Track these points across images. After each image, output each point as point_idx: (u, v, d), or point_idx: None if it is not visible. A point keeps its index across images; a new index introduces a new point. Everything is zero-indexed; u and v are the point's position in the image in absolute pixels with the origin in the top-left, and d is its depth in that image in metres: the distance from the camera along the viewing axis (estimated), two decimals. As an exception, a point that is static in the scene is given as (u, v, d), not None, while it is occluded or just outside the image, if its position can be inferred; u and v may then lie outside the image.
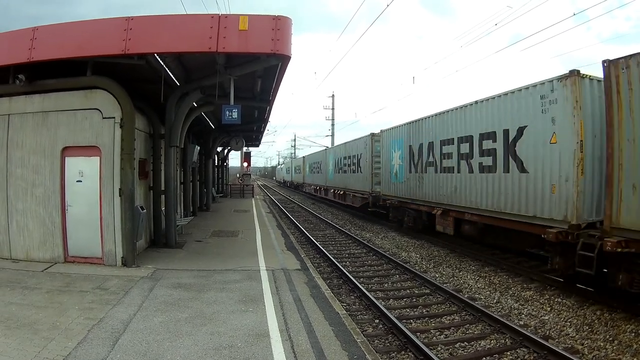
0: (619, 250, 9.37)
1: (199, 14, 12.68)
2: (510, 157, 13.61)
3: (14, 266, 11.22)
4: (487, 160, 14.77)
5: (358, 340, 7.24)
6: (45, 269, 11.05)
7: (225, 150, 42.13)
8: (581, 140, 11.06)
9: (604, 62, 10.05)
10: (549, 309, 10.54)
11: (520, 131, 13.13)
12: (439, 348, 8.34)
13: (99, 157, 11.59)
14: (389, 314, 9.60)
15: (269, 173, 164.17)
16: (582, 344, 8.48)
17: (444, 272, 14.37)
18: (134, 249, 11.90)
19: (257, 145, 49.25)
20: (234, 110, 12.89)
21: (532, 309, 10.55)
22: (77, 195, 11.77)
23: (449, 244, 18.07)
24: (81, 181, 11.76)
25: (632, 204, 9.31)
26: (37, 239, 11.80)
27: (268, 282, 10.62)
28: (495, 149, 14.34)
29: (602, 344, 8.44)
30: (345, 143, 34.86)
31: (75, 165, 11.78)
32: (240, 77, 13.00)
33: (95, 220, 11.60)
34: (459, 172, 16.71)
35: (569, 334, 8.99)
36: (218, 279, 10.81)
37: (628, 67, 9.47)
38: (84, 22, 11.35)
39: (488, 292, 12.02)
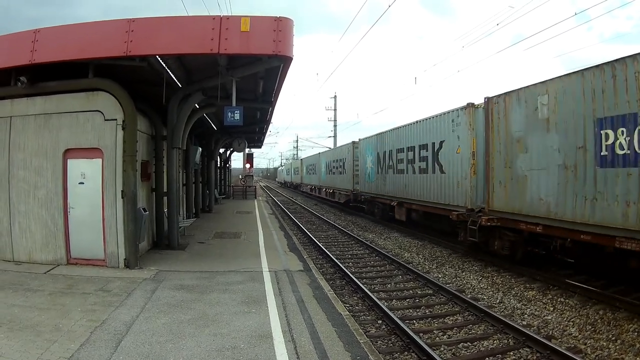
0: (490, 224, 14.38)
1: (201, 15, 12.73)
2: (435, 163, 19.12)
3: (16, 268, 11.22)
4: (423, 165, 20.39)
5: (361, 341, 7.23)
6: (48, 271, 11.05)
7: (228, 152, 42.15)
8: (473, 151, 16.26)
9: (485, 98, 15.22)
10: (551, 308, 10.52)
11: (441, 144, 18.66)
12: (442, 348, 8.32)
13: (101, 159, 11.60)
14: (391, 315, 9.60)
15: (271, 174, 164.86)
16: (585, 344, 8.46)
17: (446, 273, 14.35)
18: (136, 250, 11.90)
19: (260, 147, 49.26)
20: (236, 111, 12.89)
21: (535, 309, 10.53)
22: (79, 197, 11.78)
23: (453, 245, 18.04)
24: (83, 183, 11.77)
25: (499, 194, 14.41)
26: (39, 241, 11.81)
27: (271, 283, 10.61)
28: (427, 156, 19.95)
29: (605, 343, 8.42)
30: (334, 148, 42.91)
31: (78, 167, 11.79)
32: (242, 78, 13.00)
33: (98, 222, 11.61)
34: (407, 173, 22.51)
35: (571, 334, 8.98)
36: (221, 280, 10.81)
37: (497, 103, 14.47)
38: (86, 24, 11.36)
39: (491, 292, 12.00)
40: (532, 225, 12.70)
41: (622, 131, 9.80)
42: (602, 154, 10.35)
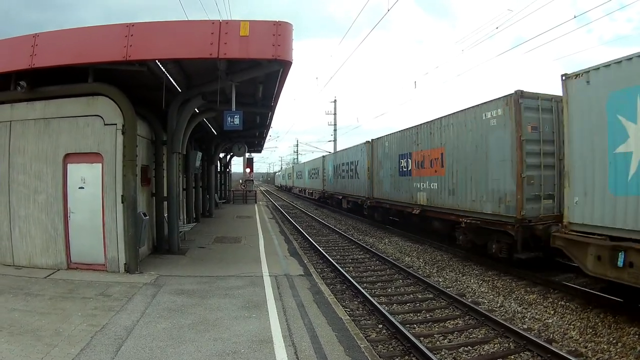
0: (372, 204, 26.90)
1: (200, 20, 12.76)
2: (355, 172, 32.29)
3: (16, 272, 11.21)
4: (352, 173, 34.00)
5: (361, 346, 7.22)
6: (48, 276, 11.04)
7: (228, 156, 42.18)
8: (368, 167, 29.47)
9: (371, 139, 28.57)
10: (552, 312, 10.51)
11: (357, 162, 31.93)
12: (443, 352, 8.32)
13: (101, 164, 11.60)
14: (392, 319, 9.58)
15: (270, 179, 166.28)
16: (586, 347, 8.46)
17: (447, 277, 14.33)
18: (136, 255, 11.89)
19: (260, 151, 49.37)
20: (235, 116, 12.91)
21: (536, 313, 10.52)
22: (79, 202, 11.78)
23: (452, 248, 18.02)
24: (83, 188, 11.76)
25: (375, 188, 28.06)
26: (39, 246, 11.80)
27: (271, 288, 10.60)
28: (353, 168, 33.41)
29: (605, 346, 8.42)
30: (313, 160, 56.26)
31: (78, 171, 11.79)
32: (242, 82, 13.03)
33: (98, 226, 11.60)
34: (346, 178, 35.93)
35: (572, 337, 8.97)
36: (221, 285, 10.80)
37: (374, 142, 28.34)
38: (85, 28, 11.36)
39: (491, 296, 11.98)
40: (385, 204, 26.29)
41: (406, 160, 22.63)
42: (400, 169, 23.42)
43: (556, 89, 13.28)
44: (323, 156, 48.32)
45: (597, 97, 10.09)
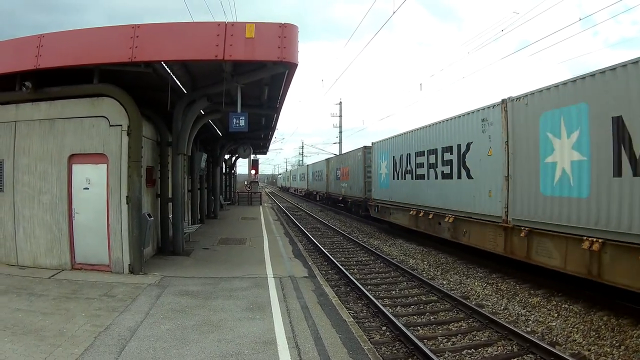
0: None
1: (206, 22, 12.75)
2: (326, 177, 51.15)
3: (20, 273, 11.24)
4: (318, 176, 55.05)
5: (365, 348, 7.21)
6: (52, 276, 11.07)
7: (233, 158, 42.22)
8: (327, 174, 50.53)
9: (327, 159, 51.01)
10: (556, 315, 10.48)
11: (320, 171, 54.22)
12: (446, 355, 8.30)
13: (106, 165, 11.62)
14: (396, 321, 9.56)
15: (275, 181, 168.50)
16: (589, 350, 8.44)
17: (451, 279, 14.31)
18: (141, 256, 11.91)
19: (265, 153, 49.42)
20: (241, 117, 12.92)
21: (539, 315, 10.50)
22: (84, 203, 11.81)
23: (457, 251, 17.99)
24: (88, 188, 11.79)
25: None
26: (44, 246, 11.83)
27: (275, 289, 10.60)
28: (321, 174, 52.93)
29: (608, 349, 8.40)
30: (314, 163, 63.38)
31: (83, 172, 11.82)
32: (247, 84, 13.05)
33: (103, 227, 11.63)
34: (322, 180, 51.58)
35: (576, 340, 8.94)
36: (225, 286, 10.80)
37: (329, 161, 47.18)
38: (91, 29, 11.39)
39: (495, 299, 11.96)
40: (332, 195, 44.59)
41: (340, 170, 41.32)
42: (336, 176, 43.17)
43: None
44: (312, 164, 64.77)
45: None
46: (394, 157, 24.82)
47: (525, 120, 13.07)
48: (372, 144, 29.62)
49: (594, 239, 10.32)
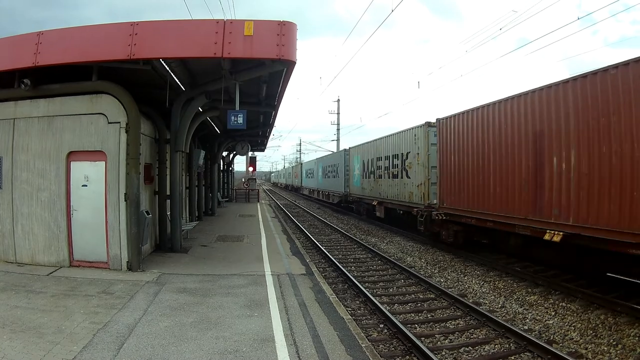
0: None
1: (204, 19, 12.73)
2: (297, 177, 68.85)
3: (19, 270, 11.25)
4: (296, 176, 73.95)
5: (363, 345, 7.24)
6: (51, 273, 11.08)
7: (231, 155, 42.21)
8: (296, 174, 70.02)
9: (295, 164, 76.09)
10: (553, 313, 10.52)
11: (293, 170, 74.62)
12: (444, 353, 8.34)
13: (104, 162, 11.63)
14: (393, 319, 9.60)
15: (269, 179, 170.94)
16: (586, 348, 8.47)
17: (449, 277, 14.34)
18: (139, 253, 11.92)
19: (263, 150, 49.39)
20: (239, 115, 12.92)
21: (537, 314, 10.53)
22: (82, 200, 11.81)
23: (455, 250, 18.02)
24: (86, 185, 11.79)
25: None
26: (42, 243, 11.84)
27: (273, 286, 10.63)
28: (297, 174, 71.71)
29: (606, 348, 8.43)
30: (285, 168, 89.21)
31: (81, 169, 11.83)
32: (246, 82, 13.04)
33: (101, 224, 11.64)
34: (314, 178, 56.83)
35: (573, 338, 8.98)
36: (223, 283, 10.82)
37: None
38: (90, 27, 11.37)
39: (493, 297, 11.99)
40: (305, 188, 62.92)
41: (315, 171, 53.83)
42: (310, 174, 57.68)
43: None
44: (302, 162, 78.93)
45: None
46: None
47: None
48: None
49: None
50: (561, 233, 11.41)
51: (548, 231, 11.89)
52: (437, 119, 19.07)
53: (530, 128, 12.78)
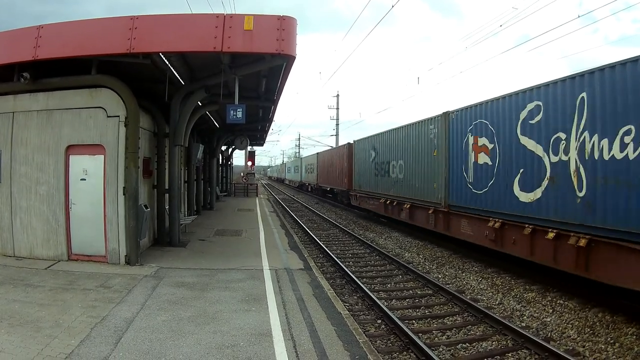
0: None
1: (204, 13, 12.70)
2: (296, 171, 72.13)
3: (17, 263, 11.26)
4: (296, 171, 76.86)
5: (360, 341, 7.25)
6: (49, 267, 11.09)
7: (230, 149, 42.14)
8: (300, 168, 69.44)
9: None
10: (551, 310, 10.53)
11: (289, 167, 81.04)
12: (441, 349, 8.34)
13: (103, 156, 11.63)
14: (391, 315, 9.61)
15: (266, 173, 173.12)
16: (584, 346, 8.48)
17: (447, 273, 14.36)
18: (137, 247, 11.93)
19: (262, 145, 49.43)
20: (238, 109, 12.90)
21: (534, 311, 10.55)
22: (81, 194, 11.81)
23: (455, 246, 18.03)
24: (85, 179, 11.79)
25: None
26: (40, 237, 11.85)
27: (271, 281, 10.64)
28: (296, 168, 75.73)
29: (603, 346, 8.43)
30: (279, 165, 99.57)
31: (80, 163, 11.82)
32: (245, 76, 13.03)
33: (99, 218, 11.64)
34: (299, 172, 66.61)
35: (570, 336, 8.99)
36: (221, 278, 10.84)
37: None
38: (89, 20, 11.37)
39: (490, 294, 12.01)
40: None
41: (305, 167, 61.35)
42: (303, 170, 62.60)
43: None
44: (302, 157, 77.22)
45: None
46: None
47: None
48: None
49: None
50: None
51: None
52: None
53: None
